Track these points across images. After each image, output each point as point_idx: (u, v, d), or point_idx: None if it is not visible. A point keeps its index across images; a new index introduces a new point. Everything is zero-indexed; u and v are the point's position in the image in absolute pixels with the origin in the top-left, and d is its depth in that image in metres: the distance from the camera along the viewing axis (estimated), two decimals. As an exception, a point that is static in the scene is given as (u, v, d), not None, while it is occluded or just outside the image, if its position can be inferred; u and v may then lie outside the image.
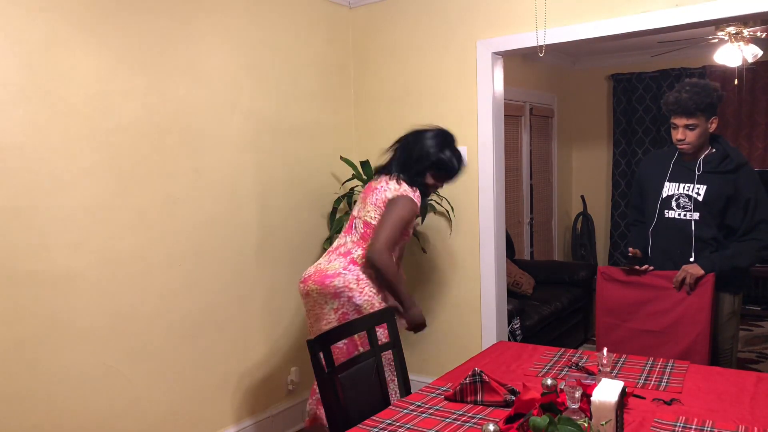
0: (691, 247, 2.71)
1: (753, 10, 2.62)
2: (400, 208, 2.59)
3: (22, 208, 2.30)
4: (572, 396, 1.52)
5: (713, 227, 2.69)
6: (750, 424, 1.69)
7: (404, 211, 2.59)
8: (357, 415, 1.93)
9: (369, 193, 2.72)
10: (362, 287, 2.54)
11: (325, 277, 2.56)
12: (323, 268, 2.61)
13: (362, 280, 2.54)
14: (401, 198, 2.60)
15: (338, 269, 2.56)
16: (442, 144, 2.72)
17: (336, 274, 2.55)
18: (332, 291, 2.54)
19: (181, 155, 2.84)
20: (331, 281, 2.54)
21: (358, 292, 2.53)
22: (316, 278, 2.58)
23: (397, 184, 2.65)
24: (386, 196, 2.63)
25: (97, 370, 2.55)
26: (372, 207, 2.66)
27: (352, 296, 2.53)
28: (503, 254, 3.54)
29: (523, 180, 5.69)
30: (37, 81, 2.32)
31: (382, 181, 2.70)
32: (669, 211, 2.78)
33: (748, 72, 5.47)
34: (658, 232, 2.83)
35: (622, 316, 2.83)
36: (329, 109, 3.67)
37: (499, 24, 3.28)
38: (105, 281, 2.57)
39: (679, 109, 2.65)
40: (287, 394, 3.45)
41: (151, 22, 2.69)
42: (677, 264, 2.71)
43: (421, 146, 2.70)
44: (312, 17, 3.53)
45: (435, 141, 2.72)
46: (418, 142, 2.72)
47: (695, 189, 2.71)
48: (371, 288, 2.55)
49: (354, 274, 2.55)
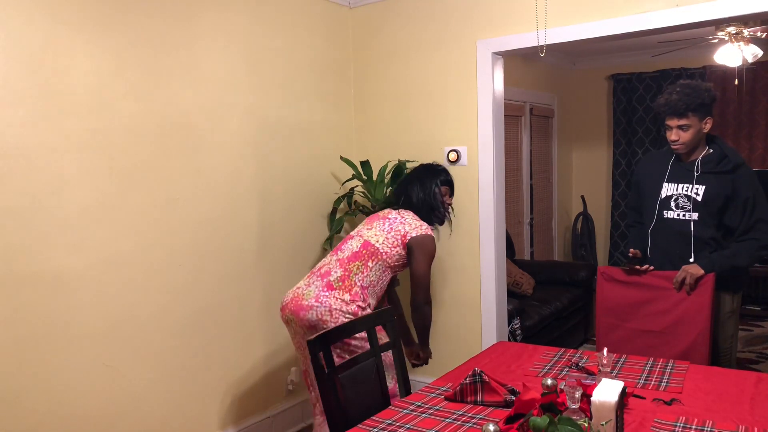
0: (690, 247, 2.71)
1: (753, 10, 2.62)
2: (429, 250, 2.71)
3: (22, 208, 2.30)
4: (572, 396, 1.52)
5: (712, 227, 2.69)
6: (750, 424, 1.69)
7: (432, 252, 2.73)
8: (357, 415, 1.93)
9: (376, 220, 2.76)
10: (336, 317, 2.45)
11: (299, 309, 2.49)
12: (300, 294, 2.54)
13: (335, 309, 2.46)
14: (425, 238, 2.70)
15: (311, 300, 2.48)
16: (430, 167, 2.94)
17: (309, 306, 2.47)
18: (307, 324, 2.48)
19: (181, 155, 2.84)
20: (305, 314, 2.48)
21: (332, 323, 2.42)
22: (293, 307, 2.52)
23: (415, 219, 2.73)
24: (406, 230, 2.68)
25: (97, 370, 2.55)
26: (382, 233, 2.67)
27: (327, 328, 2.39)
28: (503, 254, 3.54)
29: (523, 180, 5.69)
30: (37, 81, 2.32)
31: (393, 213, 2.76)
32: (668, 211, 2.78)
33: (748, 72, 5.47)
34: (657, 232, 2.83)
35: (622, 316, 2.83)
36: (329, 109, 3.67)
37: (499, 24, 3.28)
38: (105, 281, 2.57)
39: (670, 110, 2.67)
40: (287, 394, 3.45)
41: (151, 22, 2.69)
42: (676, 264, 2.71)
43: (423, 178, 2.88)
44: (312, 17, 3.53)
45: (426, 168, 2.94)
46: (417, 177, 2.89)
47: (694, 189, 2.71)
48: (345, 315, 2.46)
49: (326, 305, 2.46)
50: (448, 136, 3.51)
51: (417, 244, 2.66)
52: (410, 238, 2.66)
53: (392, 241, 2.66)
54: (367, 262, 2.61)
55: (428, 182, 2.85)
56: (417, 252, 2.66)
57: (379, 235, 2.67)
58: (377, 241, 2.65)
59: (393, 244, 2.65)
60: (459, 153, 3.43)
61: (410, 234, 2.67)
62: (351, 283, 2.55)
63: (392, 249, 2.65)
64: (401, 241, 2.66)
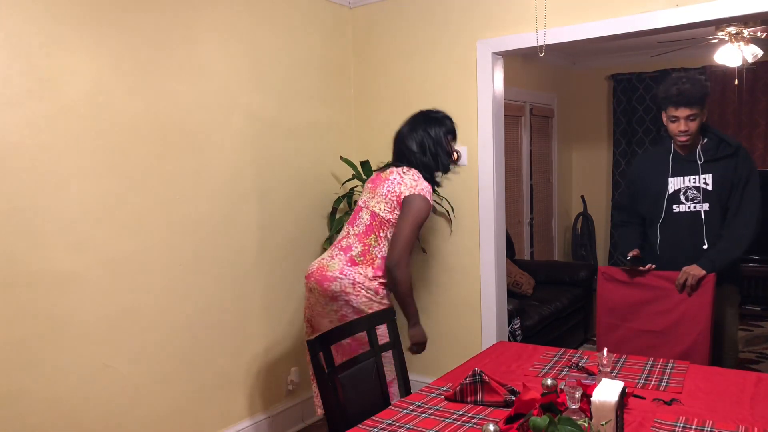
0: (703, 238, 2.73)
1: (753, 10, 2.62)
2: (416, 210, 2.57)
3: (22, 208, 2.29)
4: (572, 396, 1.52)
5: (721, 214, 2.73)
6: (750, 424, 1.69)
7: (421, 214, 2.59)
8: (357, 415, 1.93)
9: (379, 183, 2.70)
10: (358, 291, 2.54)
11: (324, 279, 2.58)
12: (324, 266, 2.62)
13: (358, 283, 2.54)
14: (416, 198, 2.58)
15: (336, 272, 2.57)
16: (428, 116, 2.78)
17: (333, 278, 2.56)
18: (330, 294, 2.56)
19: (181, 155, 2.84)
20: (329, 285, 2.56)
21: (354, 295, 2.53)
22: (318, 276, 2.61)
23: (413, 179, 2.63)
24: (401, 190, 2.61)
25: (97, 370, 2.55)
26: (382, 199, 2.64)
27: (349, 300, 2.54)
28: (503, 254, 3.54)
29: (523, 180, 5.69)
30: (37, 81, 2.32)
31: (395, 173, 2.68)
32: (678, 205, 2.79)
33: (748, 72, 5.47)
34: (668, 227, 2.82)
35: (622, 316, 2.83)
36: (329, 109, 3.67)
37: (499, 24, 3.28)
38: (105, 281, 2.57)
39: (683, 100, 2.65)
40: (287, 394, 3.45)
41: (151, 21, 2.69)
42: (689, 257, 2.71)
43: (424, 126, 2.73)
44: (312, 17, 3.53)
45: (424, 115, 2.78)
46: (418, 124, 2.75)
47: (702, 179, 2.74)
48: (367, 291, 2.55)
49: (350, 278, 2.55)
50: (448, 136, 3.50)
51: (407, 203, 2.59)
52: (404, 198, 2.61)
53: (390, 206, 2.62)
54: (379, 233, 2.62)
55: (429, 134, 2.71)
56: (404, 210, 2.58)
57: (380, 202, 2.64)
58: (380, 210, 2.63)
59: (392, 208, 2.62)
60: (459, 153, 3.42)
61: (404, 194, 2.61)
62: (372, 256, 2.60)
63: (392, 213, 2.63)
64: (397, 202, 2.62)
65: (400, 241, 2.54)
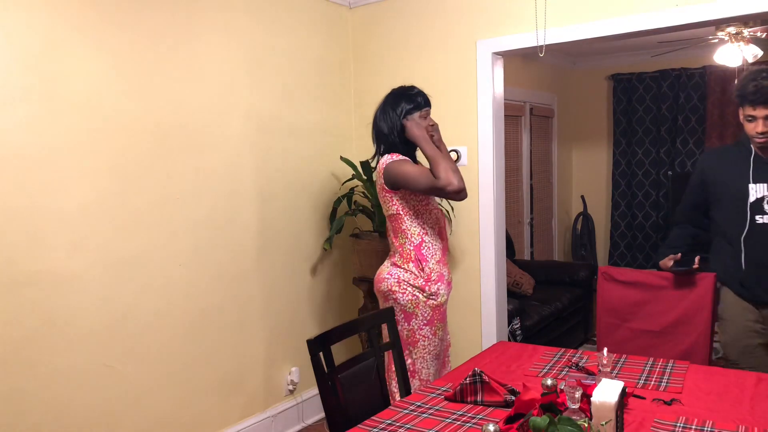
0: None
1: (753, 10, 2.62)
2: (402, 172, 2.56)
3: (22, 208, 2.29)
4: (572, 396, 1.52)
5: None
6: (750, 424, 1.69)
7: (407, 168, 2.56)
8: (357, 415, 1.93)
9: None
10: (404, 288, 2.62)
11: (377, 281, 2.71)
12: (380, 270, 2.73)
13: (403, 281, 2.62)
14: (390, 165, 2.58)
15: (384, 273, 2.69)
16: (390, 96, 2.73)
17: (382, 279, 2.68)
18: (382, 295, 2.69)
19: (181, 155, 2.84)
20: (379, 285, 2.69)
21: (400, 293, 2.62)
22: (374, 279, 2.74)
23: (377, 163, 2.69)
24: (381, 182, 2.66)
25: (97, 370, 2.55)
26: (381, 200, 2.71)
27: (396, 298, 2.62)
28: (503, 254, 3.54)
29: (523, 180, 5.69)
30: (37, 81, 2.32)
31: (377, 170, 2.72)
32: (762, 216, 2.46)
33: (748, 72, 5.46)
34: (755, 242, 2.48)
35: (622, 316, 2.83)
36: (329, 109, 3.67)
37: (499, 24, 3.28)
38: (105, 281, 2.57)
39: (762, 98, 2.37)
40: (287, 394, 3.45)
41: (151, 22, 2.69)
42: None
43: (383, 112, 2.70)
44: (312, 17, 3.53)
45: (385, 99, 2.74)
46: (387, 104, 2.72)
47: None
48: (413, 288, 2.61)
49: (395, 277, 2.64)
50: (448, 136, 3.48)
51: (392, 180, 2.59)
52: (384, 184, 2.63)
53: (386, 201, 2.67)
54: (400, 226, 2.66)
55: (391, 115, 2.67)
56: (399, 178, 2.57)
57: (383, 205, 2.71)
58: (386, 210, 2.70)
59: (388, 203, 2.66)
60: (459, 153, 3.42)
61: (382, 182, 2.64)
62: (406, 252, 2.64)
63: (392, 206, 2.65)
64: (386, 193, 2.65)
65: (429, 176, 2.52)
